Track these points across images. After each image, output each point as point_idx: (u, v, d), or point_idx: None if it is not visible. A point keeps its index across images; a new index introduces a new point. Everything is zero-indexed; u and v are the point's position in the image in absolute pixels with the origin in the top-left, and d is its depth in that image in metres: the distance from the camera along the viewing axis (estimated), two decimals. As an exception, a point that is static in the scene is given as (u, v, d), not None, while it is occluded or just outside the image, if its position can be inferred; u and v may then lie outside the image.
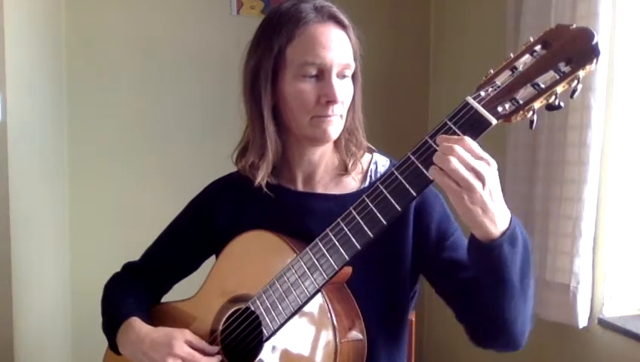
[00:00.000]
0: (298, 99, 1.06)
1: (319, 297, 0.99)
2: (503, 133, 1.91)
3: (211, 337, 1.13)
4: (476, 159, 0.85)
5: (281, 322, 1.01)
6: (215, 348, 1.10)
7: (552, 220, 1.64)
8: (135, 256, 1.33)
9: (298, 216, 1.12)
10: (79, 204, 2.35)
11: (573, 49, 0.84)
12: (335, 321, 0.98)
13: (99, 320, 1.24)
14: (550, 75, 0.85)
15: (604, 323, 1.63)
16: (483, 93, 0.88)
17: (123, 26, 2.36)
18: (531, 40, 0.89)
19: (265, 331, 1.03)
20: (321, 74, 1.05)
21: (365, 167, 1.17)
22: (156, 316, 1.20)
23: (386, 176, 0.92)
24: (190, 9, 2.40)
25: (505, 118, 0.87)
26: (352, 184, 1.16)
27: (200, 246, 1.25)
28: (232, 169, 1.20)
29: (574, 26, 0.86)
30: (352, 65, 1.08)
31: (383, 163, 1.18)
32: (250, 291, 1.07)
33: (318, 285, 0.97)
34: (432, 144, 0.89)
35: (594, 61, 0.84)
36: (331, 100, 1.04)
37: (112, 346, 1.19)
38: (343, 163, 1.15)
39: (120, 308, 1.19)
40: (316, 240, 0.99)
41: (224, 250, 1.15)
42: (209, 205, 1.22)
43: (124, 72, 2.37)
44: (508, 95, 0.87)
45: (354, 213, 0.95)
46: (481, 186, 0.85)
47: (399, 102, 2.59)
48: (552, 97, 0.86)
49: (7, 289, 1.74)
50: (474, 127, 0.87)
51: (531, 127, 0.88)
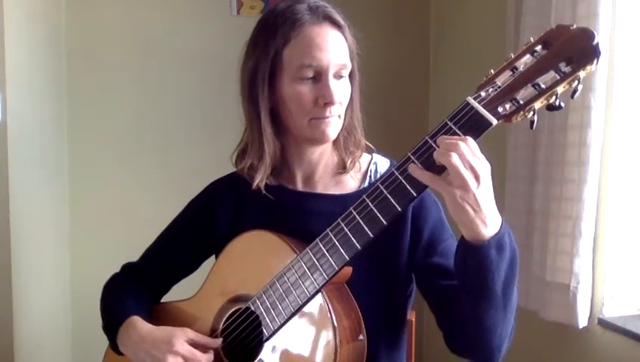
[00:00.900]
0: (296, 101, 1.06)
1: (319, 297, 0.99)
2: (503, 133, 1.91)
3: (211, 337, 1.12)
4: (476, 158, 0.85)
5: (281, 322, 1.01)
6: (219, 341, 1.10)
7: (552, 220, 1.64)
8: (135, 256, 1.32)
9: (298, 216, 1.13)
10: (79, 204, 2.35)
11: (573, 49, 0.85)
12: (335, 321, 0.98)
13: (99, 320, 1.24)
14: (551, 76, 0.85)
15: (604, 323, 1.63)
16: (483, 94, 0.88)
17: (123, 26, 2.36)
18: (532, 40, 0.89)
19: (265, 331, 1.03)
20: (318, 75, 1.05)
21: (365, 168, 1.18)
22: (156, 316, 1.20)
23: (387, 176, 0.92)
24: (190, 9, 2.40)
25: (505, 118, 0.87)
26: (351, 184, 1.16)
27: (200, 246, 1.25)
28: (232, 169, 1.20)
29: (575, 27, 0.86)
30: (349, 65, 1.08)
31: (382, 163, 1.19)
32: (251, 291, 1.07)
33: (318, 285, 0.98)
34: (432, 144, 0.89)
35: (594, 61, 0.84)
36: (329, 102, 1.05)
37: (114, 346, 1.19)
38: (342, 162, 1.16)
39: (120, 308, 1.19)
40: (316, 240, 0.99)
41: (224, 249, 1.15)
42: (209, 205, 1.22)
43: (124, 72, 2.37)
44: (508, 95, 0.87)
45: (354, 213, 0.95)
46: (476, 186, 0.85)
47: (399, 102, 2.59)
48: (553, 97, 0.86)
49: (7, 290, 1.74)
50: (474, 127, 0.87)
51: (532, 127, 0.88)
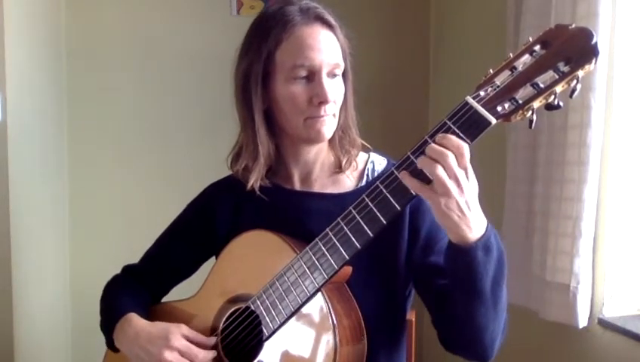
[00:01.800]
0: (290, 101, 1.07)
1: (319, 296, 0.99)
2: (503, 133, 1.91)
3: (211, 336, 1.12)
4: (461, 169, 0.87)
5: (281, 321, 1.02)
6: (212, 340, 1.10)
7: (552, 220, 1.64)
8: (135, 256, 1.33)
9: (296, 216, 1.13)
10: (79, 204, 2.35)
11: (572, 49, 0.85)
12: (335, 321, 0.98)
13: (98, 320, 1.24)
14: (549, 75, 0.86)
15: (604, 323, 1.63)
16: (482, 93, 0.88)
17: (123, 26, 2.36)
18: (531, 40, 0.89)
19: (265, 330, 1.03)
20: (312, 75, 1.06)
21: (362, 166, 1.18)
22: (156, 315, 1.20)
23: (386, 176, 0.93)
24: (190, 9, 2.40)
25: (504, 117, 0.87)
26: (348, 183, 1.17)
27: (199, 248, 1.26)
28: (232, 169, 1.20)
29: (573, 26, 0.87)
30: (342, 64, 1.09)
31: (380, 162, 1.19)
32: (251, 291, 1.07)
33: (318, 284, 0.98)
34: (434, 140, 0.89)
35: (593, 61, 0.84)
36: (323, 101, 1.05)
37: (110, 343, 1.19)
38: (338, 161, 1.16)
39: (118, 305, 1.20)
40: (316, 239, 0.99)
41: (224, 249, 1.15)
42: (208, 207, 1.23)
43: (124, 71, 2.37)
44: (507, 95, 0.87)
45: (354, 212, 0.95)
46: (459, 193, 0.87)
47: (399, 102, 2.59)
48: (552, 97, 0.86)
49: (7, 290, 1.74)
50: (473, 126, 0.87)
51: (531, 126, 0.89)
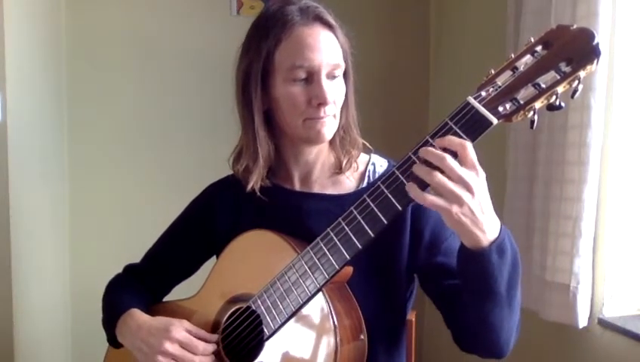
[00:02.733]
0: (289, 102, 1.06)
1: (320, 296, 0.99)
2: (503, 133, 1.92)
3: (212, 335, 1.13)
4: (467, 169, 0.85)
5: (282, 321, 1.01)
6: (214, 336, 1.11)
7: (552, 220, 1.64)
8: (135, 256, 1.33)
9: (295, 216, 1.13)
10: (79, 203, 2.35)
11: (573, 49, 0.85)
12: (336, 321, 0.98)
13: (99, 319, 1.24)
14: (551, 75, 0.85)
15: (604, 323, 1.63)
16: (484, 93, 0.88)
17: (123, 26, 2.36)
18: (532, 40, 0.89)
19: (266, 330, 1.03)
20: (311, 76, 1.05)
21: (363, 168, 1.18)
22: (156, 314, 1.19)
23: (387, 176, 0.92)
24: (190, 9, 2.40)
25: (506, 117, 0.87)
26: (349, 184, 1.16)
27: (200, 248, 1.26)
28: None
29: (575, 27, 0.87)
30: (342, 64, 1.08)
31: (381, 164, 1.19)
32: (252, 290, 1.07)
33: (318, 284, 0.98)
34: (433, 144, 0.89)
35: (595, 61, 0.84)
36: (322, 102, 1.04)
37: (111, 339, 1.19)
38: (338, 161, 1.16)
39: (121, 302, 1.20)
40: (317, 239, 0.99)
41: (225, 249, 1.15)
42: (208, 207, 1.23)
43: (124, 71, 2.37)
44: (509, 95, 0.87)
45: (355, 212, 0.95)
46: (470, 197, 0.85)
47: (399, 102, 2.59)
48: (553, 97, 0.86)
49: (7, 289, 1.74)
50: (474, 126, 0.87)
51: (532, 126, 0.89)
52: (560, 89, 0.86)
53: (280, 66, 1.06)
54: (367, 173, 1.17)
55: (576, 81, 0.85)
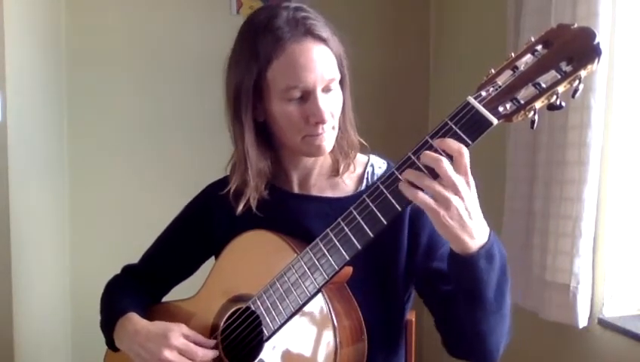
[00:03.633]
0: (286, 121, 1.05)
1: (320, 297, 0.99)
2: (503, 134, 1.91)
3: (212, 336, 1.13)
4: (460, 175, 0.86)
5: (282, 322, 1.01)
6: (212, 342, 1.10)
7: (552, 220, 1.64)
8: (135, 256, 1.33)
9: (294, 218, 1.12)
10: (79, 203, 2.35)
11: (574, 48, 0.84)
12: (335, 321, 0.98)
13: (98, 320, 1.24)
14: (551, 75, 0.85)
15: (604, 323, 1.63)
16: (484, 93, 0.88)
17: (123, 26, 2.36)
18: (532, 39, 0.89)
19: (265, 331, 1.03)
20: (306, 94, 1.03)
21: (361, 170, 1.17)
22: (156, 315, 1.20)
23: (387, 176, 0.92)
24: (190, 9, 2.40)
25: (506, 117, 0.87)
26: (348, 187, 1.16)
27: (199, 248, 1.25)
28: (231, 169, 1.20)
29: (576, 26, 0.86)
30: (337, 76, 1.06)
31: (380, 165, 1.18)
32: (251, 291, 1.07)
33: (318, 285, 0.97)
34: (433, 144, 0.89)
35: (595, 61, 0.84)
36: (320, 121, 1.03)
37: (109, 342, 1.19)
38: (336, 164, 1.15)
39: (118, 305, 1.20)
40: (317, 240, 0.98)
41: (224, 249, 1.15)
42: (206, 207, 1.22)
43: (124, 71, 2.36)
44: (509, 95, 0.87)
45: (354, 212, 0.95)
46: (460, 201, 0.86)
47: (399, 102, 2.59)
48: (554, 97, 0.86)
49: (7, 290, 1.74)
50: (475, 127, 0.87)
51: (532, 126, 0.88)
52: (560, 88, 0.86)
53: (274, 85, 1.04)
54: (365, 175, 1.17)
55: (577, 81, 0.85)
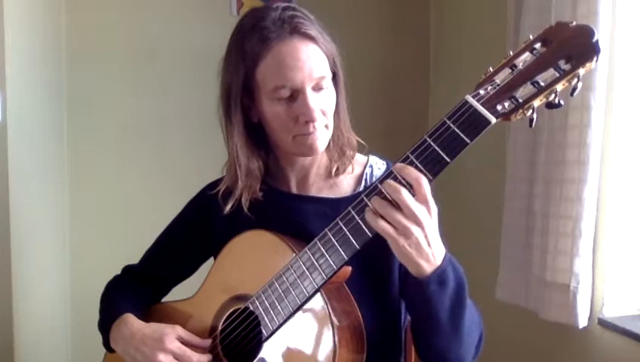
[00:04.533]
0: (277, 121, 1.05)
1: (318, 297, 0.99)
2: (502, 133, 1.91)
3: (210, 336, 1.12)
4: (420, 203, 0.88)
5: (280, 322, 1.01)
6: (207, 342, 1.10)
7: (552, 220, 1.64)
8: (135, 257, 1.32)
9: (292, 219, 1.12)
10: (79, 203, 2.35)
11: (573, 46, 0.84)
12: (334, 321, 0.97)
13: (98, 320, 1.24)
14: (550, 73, 0.85)
15: (604, 323, 1.63)
16: (482, 92, 0.88)
17: (123, 26, 2.36)
18: (531, 38, 0.89)
19: (264, 331, 1.03)
20: (295, 93, 1.02)
21: (360, 170, 1.17)
22: (154, 315, 1.20)
23: (386, 176, 0.92)
24: (190, 9, 2.40)
25: (504, 116, 0.87)
26: (346, 187, 1.16)
27: (198, 249, 1.25)
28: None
29: (574, 24, 0.86)
30: (327, 74, 1.05)
31: (379, 166, 1.18)
32: (250, 291, 1.07)
33: (316, 285, 0.97)
34: (432, 144, 0.88)
35: (594, 59, 0.83)
36: (309, 120, 1.03)
37: (107, 344, 1.19)
38: (334, 163, 1.15)
39: (116, 306, 1.20)
40: (315, 240, 0.98)
41: (223, 249, 1.15)
42: (204, 208, 1.22)
43: (123, 71, 2.36)
44: (507, 93, 0.86)
45: (352, 212, 0.94)
46: (419, 230, 0.88)
47: (399, 102, 2.59)
48: (552, 95, 0.86)
49: (7, 290, 1.74)
50: (473, 125, 0.86)
51: (531, 125, 0.88)
52: (559, 87, 0.85)
53: (262, 86, 1.04)
54: (364, 176, 1.16)
55: (576, 79, 0.84)
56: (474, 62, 2.26)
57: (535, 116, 0.87)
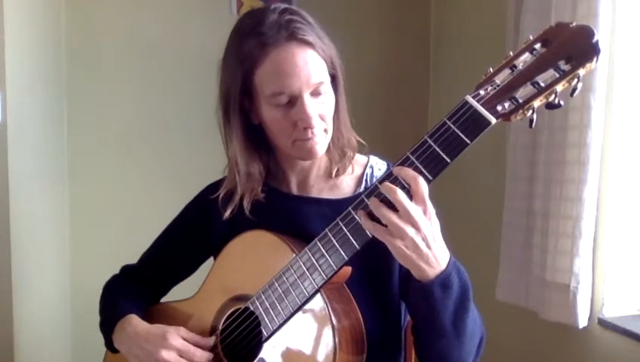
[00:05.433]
0: (275, 126, 1.05)
1: (319, 297, 0.99)
2: (502, 133, 1.91)
3: (211, 336, 1.12)
4: (416, 203, 0.87)
5: (280, 322, 1.01)
6: (210, 340, 1.10)
7: (552, 220, 1.64)
8: (135, 257, 1.32)
9: (293, 220, 1.12)
10: (79, 204, 2.35)
11: (573, 47, 0.84)
12: (334, 321, 0.97)
13: (98, 320, 1.24)
14: (550, 74, 0.85)
15: (604, 323, 1.63)
16: (482, 92, 0.88)
17: (123, 26, 2.36)
18: (531, 38, 0.89)
19: (264, 331, 1.03)
20: (293, 99, 1.02)
21: (360, 171, 1.17)
22: (154, 315, 1.20)
23: (385, 177, 0.92)
24: (190, 9, 2.40)
25: (504, 117, 0.87)
26: (346, 188, 1.15)
27: (197, 249, 1.25)
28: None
29: (574, 24, 0.86)
30: (325, 79, 1.04)
31: (379, 167, 1.18)
32: (250, 291, 1.07)
33: (317, 285, 0.97)
34: (432, 144, 0.88)
35: (594, 59, 0.83)
36: (307, 126, 1.02)
37: (108, 344, 1.19)
38: (335, 164, 1.15)
39: (118, 306, 1.20)
40: (315, 240, 0.98)
41: (223, 250, 1.15)
42: (204, 209, 1.22)
43: (124, 71, 2.36)
44: (507, 94, 0.86)
45: (353, 212, 0.94)
46: (415, 232, 0.87)
47: (399, 102, 2.59)
48: (552, 96, 0.86)
49: (7, 290, 1.74)
50: (473, 126, 0.86)
51: (531, 126, 0.88)
52: (559, 87, 0.85)
53: (261, 91, 1.03)
54: (365, 176, 1.16)
55: (576, 80, 0.84)
56: (474, 63, 2.26)
57: (535, 116, 0.87)
